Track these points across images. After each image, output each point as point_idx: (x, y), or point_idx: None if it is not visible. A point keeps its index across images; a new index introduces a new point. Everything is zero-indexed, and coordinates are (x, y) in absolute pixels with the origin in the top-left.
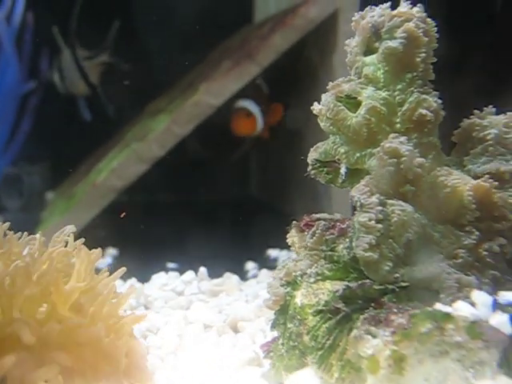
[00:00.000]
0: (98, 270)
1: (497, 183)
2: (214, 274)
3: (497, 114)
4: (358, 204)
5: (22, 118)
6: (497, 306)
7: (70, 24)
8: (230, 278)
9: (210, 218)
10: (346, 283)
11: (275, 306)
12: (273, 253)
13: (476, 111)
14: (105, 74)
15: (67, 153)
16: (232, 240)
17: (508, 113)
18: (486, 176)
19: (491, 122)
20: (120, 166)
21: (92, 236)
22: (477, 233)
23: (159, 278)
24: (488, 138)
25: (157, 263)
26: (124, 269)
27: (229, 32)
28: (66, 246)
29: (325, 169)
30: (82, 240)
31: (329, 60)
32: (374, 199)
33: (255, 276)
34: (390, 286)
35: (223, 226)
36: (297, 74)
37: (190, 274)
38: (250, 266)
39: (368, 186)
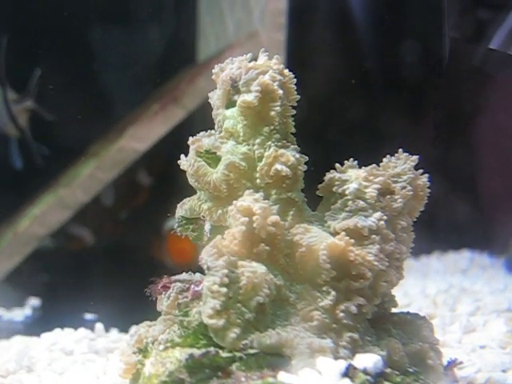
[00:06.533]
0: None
1: (353, 240)
2: (126, 326)
3: None
4: (206, 267)
5: None
6: (349, 372)
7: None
8: None
9: (136, 265)
10: (191, 351)
11: (126, 375)
12: None
13: (337, 165)
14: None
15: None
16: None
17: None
18: (343, 233)
19: (351, 176)
20: (43, 213)
21: (15, 285)
22: (333, 293)
23: (51, 335)
24: (347, 192)
25: (73, 315)
26: None
27: (171, 73)
28: None
29: (191, 226)
30: None
31: None
32: (221, 262)
33: None
34: (238, 354)
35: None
36: None
37: (82, 331)
38: None
39: (216, 247)
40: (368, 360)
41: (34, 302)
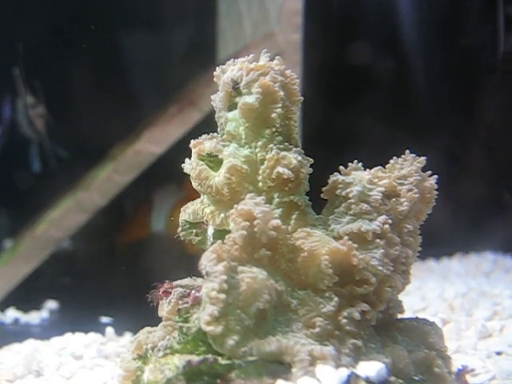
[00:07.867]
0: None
1: (356, 245)
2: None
3: None
4: (204, 272)
5: None
6: (351, 381)
7: (20, 67)
8: None
9: (156, 267)
10: (188, 358)
11: (126, 382)
12: None
13: (341, 167)
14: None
15: (28, 200)
16: None
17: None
18: (346, 238)
19: (355, 179)
20: (60, 217)
21: (33, 288)
22: (336, 299)
23: (61, 339)
24: (350, 195)
25: (90, 318)
26: None
27: (192, 75)
28: None
29: (194, 230)
30: None
31: None
32: (220, 267)
33: None
34: (238, 361)
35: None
36: None
37: (93, 335)
38: None
39: (216, 252)
40: (371, 368)
41: (52, 304)
